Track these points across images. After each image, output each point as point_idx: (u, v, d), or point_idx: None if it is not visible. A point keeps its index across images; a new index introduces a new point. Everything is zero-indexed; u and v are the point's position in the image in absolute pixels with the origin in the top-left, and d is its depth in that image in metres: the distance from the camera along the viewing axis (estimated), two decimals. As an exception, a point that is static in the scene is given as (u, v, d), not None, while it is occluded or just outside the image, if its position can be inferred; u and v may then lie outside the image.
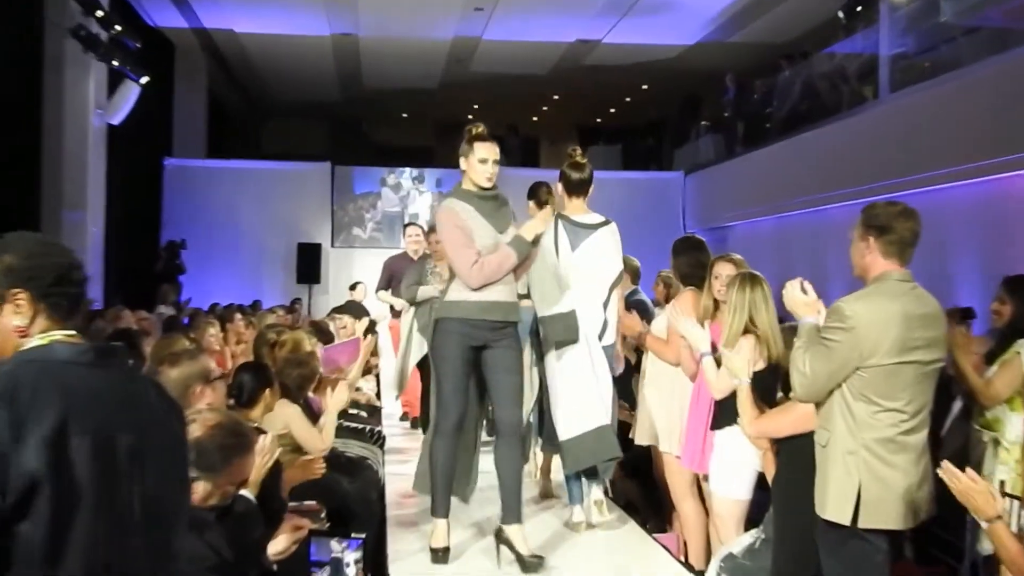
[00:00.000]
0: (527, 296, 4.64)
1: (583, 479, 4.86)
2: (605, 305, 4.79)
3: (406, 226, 8.40)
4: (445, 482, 4.30)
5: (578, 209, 4.86)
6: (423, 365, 6.25)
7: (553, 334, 4.63)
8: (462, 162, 4.27)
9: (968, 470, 3.06)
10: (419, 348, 6.35)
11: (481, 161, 4.23)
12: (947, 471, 3.05)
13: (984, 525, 3.04)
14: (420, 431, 6.91)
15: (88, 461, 1.80)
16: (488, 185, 4.26)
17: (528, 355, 4.81)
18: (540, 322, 4.67)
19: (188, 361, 3.61)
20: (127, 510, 1.87)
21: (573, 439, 4.64)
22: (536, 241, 4.33)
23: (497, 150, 4.28)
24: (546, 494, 5.49)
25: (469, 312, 4.19)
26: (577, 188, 4.83)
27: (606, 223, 4.88)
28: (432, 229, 6.45)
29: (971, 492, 2.98)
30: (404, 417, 7.95)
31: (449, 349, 4.23)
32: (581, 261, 4.75)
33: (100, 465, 1.82)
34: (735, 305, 4.08)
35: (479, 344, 4.24)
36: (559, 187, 4.88)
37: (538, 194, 5.32)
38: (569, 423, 4.67)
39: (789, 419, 3.57)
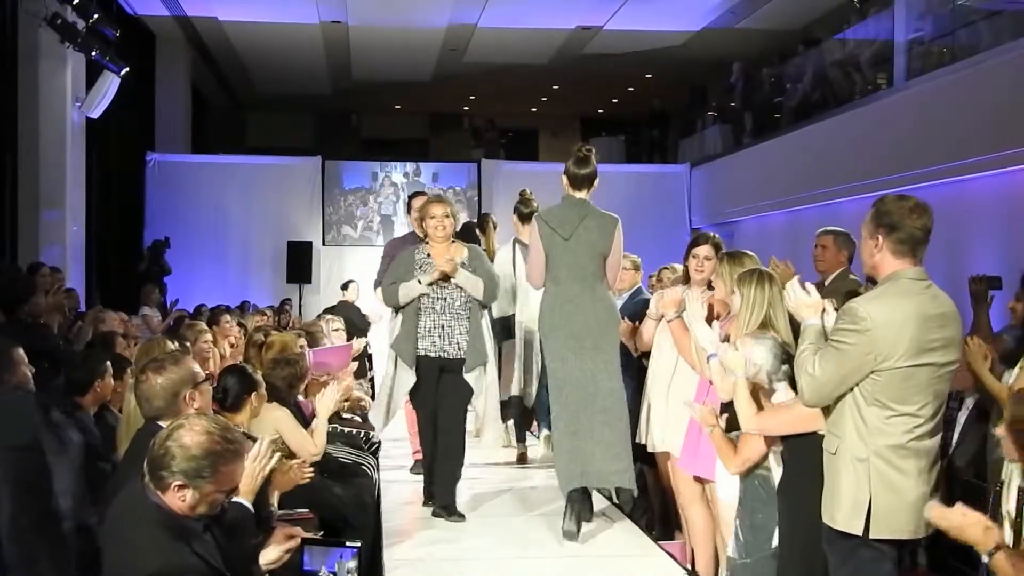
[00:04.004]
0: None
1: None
2: None
3: (411, 197, 6.80)
4: None
5: None
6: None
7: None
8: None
9: (958, 504, 2.88)
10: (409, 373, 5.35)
11: None
12: (935, 512, 2.89)
13: (985, 559, 2.82)
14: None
15: None
16: None
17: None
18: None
19: (173, 366, 3.56)
20: None
21: None
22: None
23: None
24: None
25: None
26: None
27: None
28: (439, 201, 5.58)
29: (964, 527, 2.82)
30: (414, 466, 6.30)
31: None
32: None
33: None
34: (753, 301, 3.93)
35: None
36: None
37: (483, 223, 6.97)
38: None
39: (791, 417, 3.52)
